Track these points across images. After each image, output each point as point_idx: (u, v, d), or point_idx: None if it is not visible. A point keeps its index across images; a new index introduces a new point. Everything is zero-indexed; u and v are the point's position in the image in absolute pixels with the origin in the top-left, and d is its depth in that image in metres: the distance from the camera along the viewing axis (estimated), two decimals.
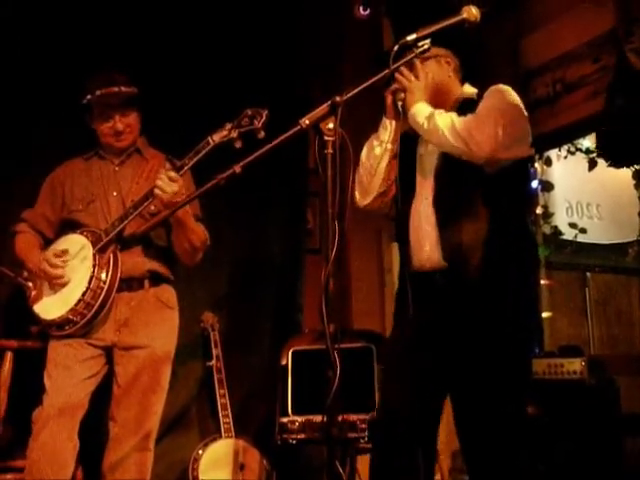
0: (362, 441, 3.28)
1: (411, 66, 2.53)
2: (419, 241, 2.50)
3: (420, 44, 2.33)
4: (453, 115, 2.44)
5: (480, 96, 2.54)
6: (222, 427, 3.81)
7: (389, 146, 2.61)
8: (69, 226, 3.10)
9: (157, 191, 2.85)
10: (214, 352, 3.96)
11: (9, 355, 3.21)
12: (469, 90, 2.66)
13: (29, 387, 3.00)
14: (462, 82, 2.70)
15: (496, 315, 2.37)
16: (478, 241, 2.39)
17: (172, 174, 2.86)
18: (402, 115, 2.57)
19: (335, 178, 1.99)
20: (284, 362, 3.59)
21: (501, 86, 2.51)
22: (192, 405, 4.04)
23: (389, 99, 2.61)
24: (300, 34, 4.67)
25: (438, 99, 2.57)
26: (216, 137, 2.91)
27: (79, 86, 3.11)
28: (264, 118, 2.84)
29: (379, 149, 2.62)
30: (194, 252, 3.11)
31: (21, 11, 3.72)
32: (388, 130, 2.62)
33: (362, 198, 2.68)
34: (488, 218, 2.41)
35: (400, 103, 2.57)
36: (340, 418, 3.19)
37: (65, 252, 2.96)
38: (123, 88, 3.06)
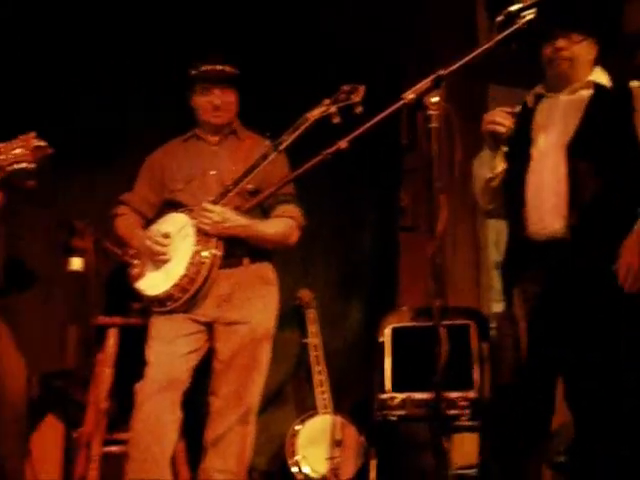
0: (462, 419, 3.26)
1: None
2: (541, 208, 2.44)
3: (523, 14, 2.27)
4: None
5: (619, 89, 2.48)
6: (319, 403, 3.85)
7: (496, 170, 2.63)
8: (169, 206, 3.17)
9: (202, 226, 2.93)
10: (311, 329, 4.00)
11: (113, 332, 3.28)
12: (601, 77, 2.55)
13: (131, 363, 3.07)
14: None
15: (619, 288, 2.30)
16: (608, 213, 2.34)
17: (206, 205, 2.93)
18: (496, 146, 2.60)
19: (440, 152, 1.96)
20: (381, 339, 3.57)
21: None
22: (288, 381, 4.10)
23: (485, 134, 2.61)
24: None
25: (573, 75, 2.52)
26: (315, 112, 2.94)
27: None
28: (361, 93, 2.87)
29: (489, 174, 2.64)
30: (281, 243, 3.18)
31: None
32: (491, 158, 2.64)
33: (484, 205, 2.76)
34: (620, 192, 2.36)
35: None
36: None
37: (168, 233, 3.02)
38: (227, 69, 3.14)
